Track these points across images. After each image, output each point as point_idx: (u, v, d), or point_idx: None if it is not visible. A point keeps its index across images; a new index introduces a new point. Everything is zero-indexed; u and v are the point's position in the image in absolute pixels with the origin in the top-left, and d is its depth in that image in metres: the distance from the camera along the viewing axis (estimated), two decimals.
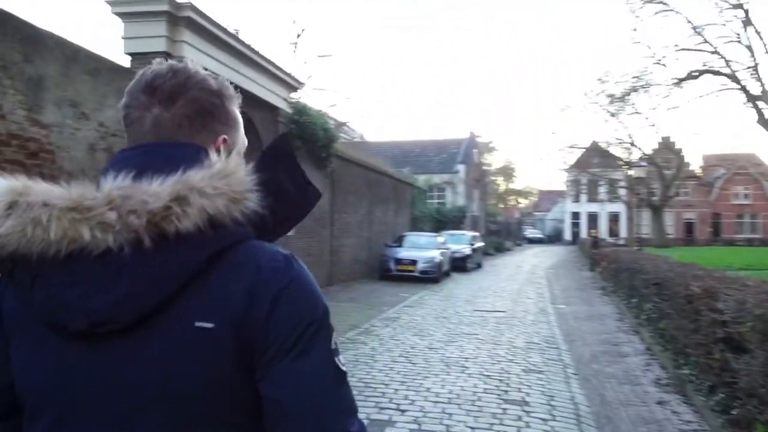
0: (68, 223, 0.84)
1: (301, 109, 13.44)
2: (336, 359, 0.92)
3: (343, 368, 0.93)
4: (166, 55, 8.57)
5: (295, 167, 1.03)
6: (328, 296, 10.62)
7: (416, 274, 17.78)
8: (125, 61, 8.58)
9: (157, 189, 0.87)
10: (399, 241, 19.77)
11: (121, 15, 8.69)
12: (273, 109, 12.05)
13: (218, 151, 1.00)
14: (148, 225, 0.84)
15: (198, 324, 0.86)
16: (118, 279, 0.84)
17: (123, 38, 8.78)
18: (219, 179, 0.90)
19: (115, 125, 7.61)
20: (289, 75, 12.60)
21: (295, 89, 12.97)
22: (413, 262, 17.97)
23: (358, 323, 9.90)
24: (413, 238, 20.23)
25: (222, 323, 0.86)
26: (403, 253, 18.47)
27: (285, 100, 12.43)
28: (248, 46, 10.49)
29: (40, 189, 0.89)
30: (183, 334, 0.86)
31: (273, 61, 11.68)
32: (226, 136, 1.05)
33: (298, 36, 22.19)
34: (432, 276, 17.84)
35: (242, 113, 1.18)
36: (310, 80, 20.96)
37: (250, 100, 10.99)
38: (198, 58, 9.00)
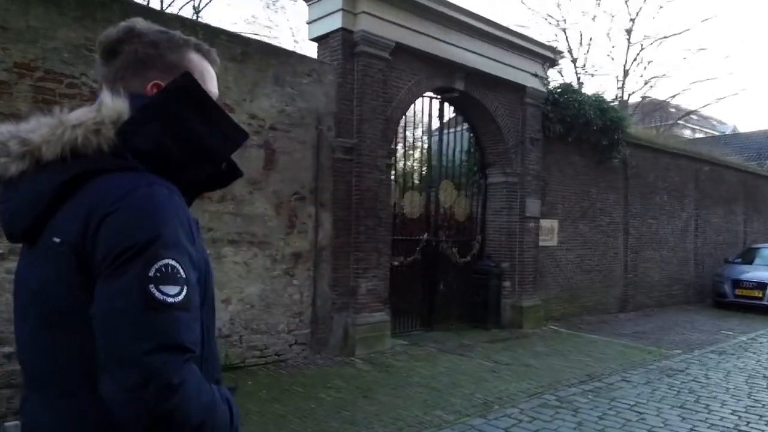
0: None
1: (564, 88, 10.60)
2: (150, 287, 0.90)
3: (162, 298, 0.91)
4: (344, 31, 7.28)
5: (205, 104, 1.08)
6: (608, 325, 10.82)
7: (766, 302, 12.47)
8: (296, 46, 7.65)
9: (40, 125, 1.05)
10: (746, 257, 14.35)
11: None
12: (516, 89, 9.64)
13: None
14: (29, 155, 1.02)
15: (54, 239, 0.99)
16: (14, 199, 1.05)
17: (307, 23, 7.88)
18: (89, 113, 1.04)
19: (273, 117, 6.62)
20: (539, 44, 9.99)
21: (552, 62, 10.24)
22: (762, 286, 12.68)
23: (600, 373, 6.74)
24: None
25: (65, 240, 0.98)
26: (749, 273, 13.24)
27: (535, 76, 9.86)
28: (464, 10, 8.46)
29: None
30: (46, 246, 1.01)
31: (509, 27, 9.32)
32: (158, 81, 1.12)
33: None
34: None
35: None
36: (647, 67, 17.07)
37: (474, 79, 8.89)
38: (387, 31, 7.49)
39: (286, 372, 6.49)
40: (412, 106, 8.59)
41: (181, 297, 0.92)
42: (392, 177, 8.23)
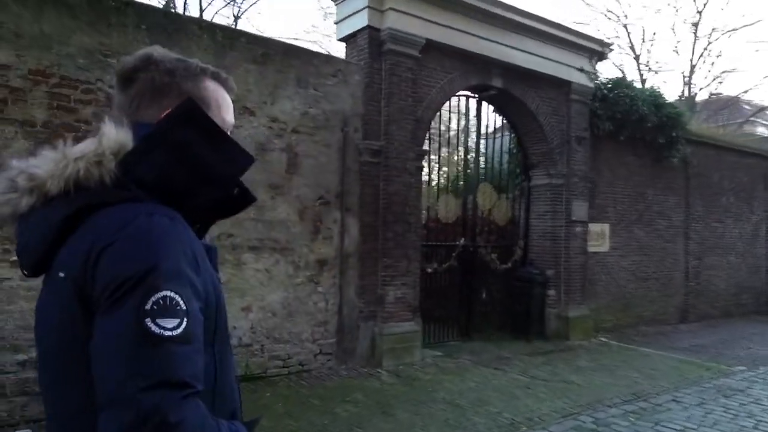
0: None
1: (615, 83, 9.93)
2: (146, 321, 0.88)
3: (159, 331, 0.87)
4: (371, 29, 7.02)
5: (209, 129, 1.06)
6: (665, 338, 9.85)
7: None
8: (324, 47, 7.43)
9: (46, 160, 1.04)
10: None
11: None
12: (560, 85, 9.09)
13: None
14: (36, 190, 1.02)
15: (59, 273, 0.99)
16: (25, 234, 1.06)
17: (335, 23, 7.67)
18: (91, 145, 1.02)
19: (296, 120, 6.44)
20: (585, 36, 9.39)
21: (600, 55, 9.61)
22: None
23: (648, 392, 6.14)
24: None
25: (68, 274, 0.96)
26: None
27: (581, 71, 9.27)
28: (500, 3, 8.02)
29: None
30: (53, 281, 1.01)
31: (551, 19, 8.79)
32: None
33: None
34: None
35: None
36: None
37: (512, 75, 8.44)
38: (416, 28, 7.21)
39: (308, 383, 6.25)
40: (446, 105, 8.21)
41: (180, 330, 0.89)
42: (423, 180, 7.87)
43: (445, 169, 8.79)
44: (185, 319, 0.90)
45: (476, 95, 8.74)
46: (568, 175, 9.17)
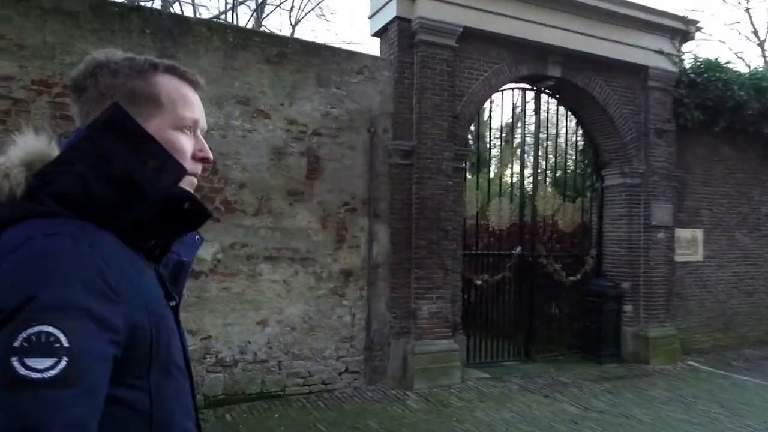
0: None
1: (706, 65, 8.56)
2: (12, 360, 0.76)
3: (25, 373, 0.76)
4: (400, 20, 6.49)
5: (136, 135, 0.95)
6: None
7: None
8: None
9: None
10: None
11: None
12: (634, 71, 7.96)
13: None
14: None
15: None
16: None
17: (368, 18, 7.20)
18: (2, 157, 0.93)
19: (317, 122, 6.06)
20: (664, 14, 8.16)
21: (684, 35, 8.33)
22: None
23: None
24: None
25: None
26: None
27: (661, 53, 8.07)
28: None
29: None
30: None
31: None
32: None
33: None
34: None
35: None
36: None
37: (574, 63, 7.50)
38: (451, 15, 6.62)
39: (326, 404, 5.77)
40: (494, 99, 7.44)
41: (55, 371, 0.76)
42: (465, 182, 7.14)
43: (497, 169, 7.96)
44: (64, 359, 0.77)
45: (533, 87, 7.85)
46: (646, 174, 7.98)
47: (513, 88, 7.76)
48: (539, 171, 8.20)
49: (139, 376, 0.90)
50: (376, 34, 7.03)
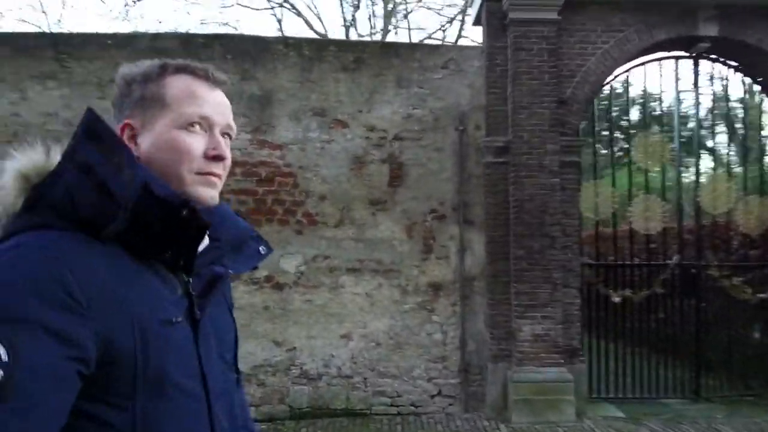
0: None
1: None
2: None
3: None
4: (489, 1, 5.87)
5: (105, 139, 0.91)
6: None
7: None
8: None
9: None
10: None
11: None
12: None
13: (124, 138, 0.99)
14: None
15: None
16: None
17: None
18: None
19: (397, 125, 5.83)
20: None
21: None
22: None
23: None
24: None
25: None
26: None
27: None
28: None
29: None
30: None
31: None
32: (128, 121, 0.99)
33: None
34: None
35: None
36: None
37: (737, 16, 5.82)
38: None
39: (413, 428, 5.33)
40: (617, 74, 6.12)
41: None
42: (580, 179, 5.96)
43: (640, 160, 6.43)
44: (0, 372, 0.75)
45: (688, 53, 6.24)
46: None
47: (661, 59, 6.27)
48: (700, 158, 6.46)
49: (122, 395, 0.85)
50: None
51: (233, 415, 1.03)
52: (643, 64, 6.27)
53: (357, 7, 16.26)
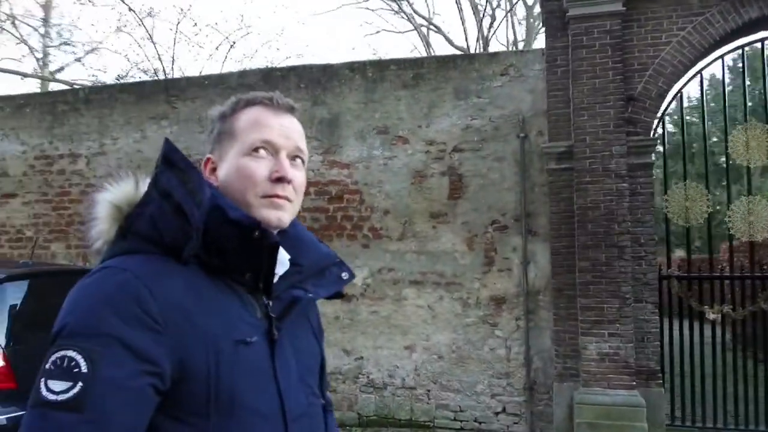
0: None
1: None
2: (41, 382, 0.80)
3: (44, 394, 0.79)
4: (547, 1, 5.71)
5: (179, 166, 0.95)
6: None
7: None
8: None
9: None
10: None
11: None
12: None
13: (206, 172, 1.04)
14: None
15: None
16: None
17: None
18: None
19: (456, 137, 5.94)
20: None
21: None
22: None
23: None
24: None
25: None
26: None
27: None
28: None
29: None
30: None
31: None
32: (209, 156, 1.06)
33: None
34: None
35: None
36: None
37: None
38: None
39: None
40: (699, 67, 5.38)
41: (69, 395, 0.78)
42: (652, 182, 5.32)
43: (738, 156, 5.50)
44: (80, 384, 0.79)
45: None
46: None
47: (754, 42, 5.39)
48: None
49: (196, 413, 0.87)
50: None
51: None
52: (741, 47, 5.47)
53: (493, 18, 16.18)
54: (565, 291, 5.33)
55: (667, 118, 6.26)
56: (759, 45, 5.45)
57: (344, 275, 1.13)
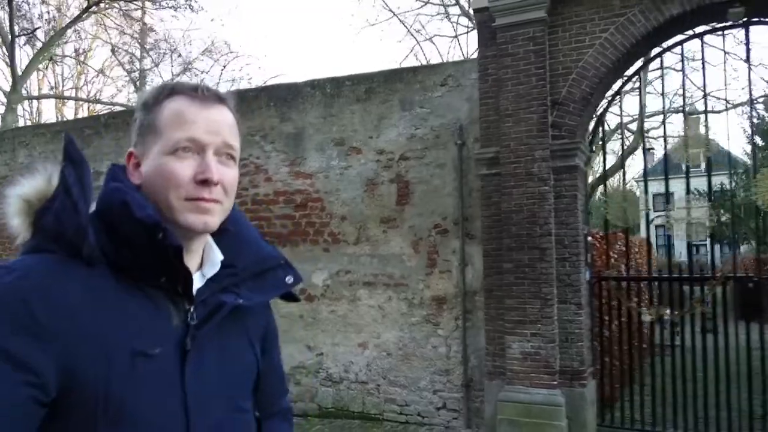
0: None
1: None
2: None
3: None
4: (477, 12, 5.95)
5: (76, 162, 0.89)
6: None
7: None
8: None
9: None
10: None
11: None
12: None
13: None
14: None
15: None
16: None
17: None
18: None
19: (402, 146, 6.33)
20: None
21: None
22: None
23: None
24: None
25: None
26: None
27: None
28: None
29: None
30: None
31: None
32: (132, 150, 0.97)
33: None
34: None
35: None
36: None
37: None
38: None
39: None
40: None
41: None
42: (583, 184, 5.32)
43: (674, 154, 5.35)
44: None
45: (723, 24, 5.11)
46: None
47: (705, 32, 5.26)
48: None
49: (83, 426, 0.82)
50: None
51: None
52: (680, 43, 5.38)
53: None
54: (495, 292, 5.50)
55: None
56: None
57: (289, 279, 1.05)
